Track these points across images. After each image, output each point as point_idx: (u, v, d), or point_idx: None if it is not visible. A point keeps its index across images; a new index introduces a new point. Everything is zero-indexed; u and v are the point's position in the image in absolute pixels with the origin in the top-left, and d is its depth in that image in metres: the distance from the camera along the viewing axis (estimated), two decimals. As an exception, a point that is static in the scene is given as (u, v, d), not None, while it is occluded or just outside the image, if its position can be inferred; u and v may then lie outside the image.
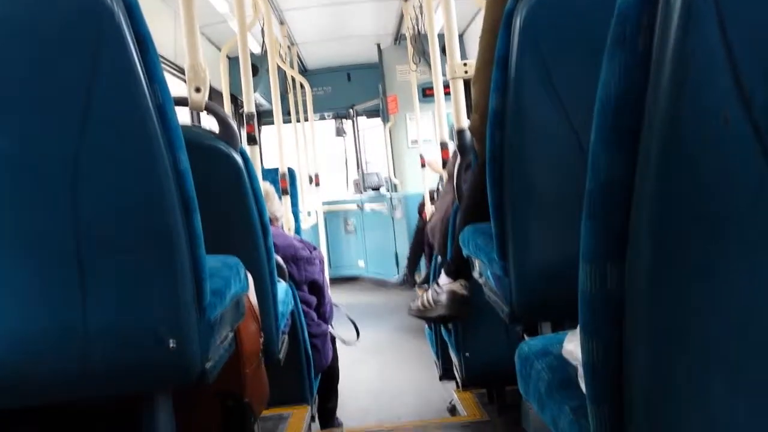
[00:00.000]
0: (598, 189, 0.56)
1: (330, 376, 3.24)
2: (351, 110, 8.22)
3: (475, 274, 1.77)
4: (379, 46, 7.26)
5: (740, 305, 0.41)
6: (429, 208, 5.03)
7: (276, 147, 4.15)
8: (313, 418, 2.79)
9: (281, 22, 5.84)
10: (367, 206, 7.87)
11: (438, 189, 5.17)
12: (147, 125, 1.04)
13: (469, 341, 2.55)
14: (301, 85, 6.79)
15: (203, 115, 3.17)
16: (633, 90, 0.53)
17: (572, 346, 0.88)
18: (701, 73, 0.44)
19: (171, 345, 1.09)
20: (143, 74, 1.03)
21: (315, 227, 6.70)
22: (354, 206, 8.05)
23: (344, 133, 8.39)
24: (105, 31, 0.99)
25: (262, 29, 4.45)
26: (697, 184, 0.45)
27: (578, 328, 0.62)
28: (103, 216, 1.05)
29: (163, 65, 1.12)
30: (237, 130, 1.89)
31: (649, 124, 0.51)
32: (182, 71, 1.78)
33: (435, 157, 5.06)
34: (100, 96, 1.01)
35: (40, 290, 1.06)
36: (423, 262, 5.81)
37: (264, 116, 7.37)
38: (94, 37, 0.99)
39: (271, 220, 2.54)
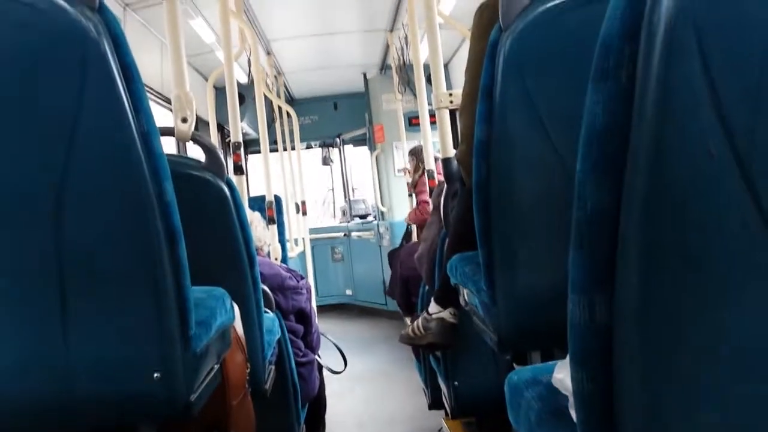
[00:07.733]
0: (585, 218, 0.56)
1: (317, 405, 3.20)
2: (338, 139, 8.25)
3: (463, 303, 1.76)
4: (365, 75, 7.32)
5: (728, 336, 0.41)
6: (414, 238, 5.03)
7: (263, 176, 4.14)
8: (300, 449, 2.75)
9: (268, 53, 5.87)
10: (355, 234, 7.86)
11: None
12: (132, 155, 1.03)
13: (458, 370, 2.53)
14: (288, 114, 6.80)
15: (189, 144, 3.16)
16: (617, 120, 0.53)
17: (562, 376, 0.87)
18: (684, 106, 0.44)
19: (155, 377, 1.08)
20: (128, 104, 1.02)
21: (302, 256, 6.66)
22: (341, 234, 8.03)
23: (331, 161, 8.41)
24: (90, 60, 0.99)
25: (249, 59, 4.47)
26: (683, 216, 0.45)
27: (568, 357, 0.62)
28: (87, 246, 1.04)
29: (149, 95, 1.12)
30: (223, 160, 1.89)
31: (634, 154, 0.51)
32: (169, 101, 1.79)
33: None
34: (85, 125, 1.00)
35: (21, 322, 1.04)
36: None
37: (251, 145, 7.37)
38: (80, 67, 0.98)
39: (257, 249, 2.52)
